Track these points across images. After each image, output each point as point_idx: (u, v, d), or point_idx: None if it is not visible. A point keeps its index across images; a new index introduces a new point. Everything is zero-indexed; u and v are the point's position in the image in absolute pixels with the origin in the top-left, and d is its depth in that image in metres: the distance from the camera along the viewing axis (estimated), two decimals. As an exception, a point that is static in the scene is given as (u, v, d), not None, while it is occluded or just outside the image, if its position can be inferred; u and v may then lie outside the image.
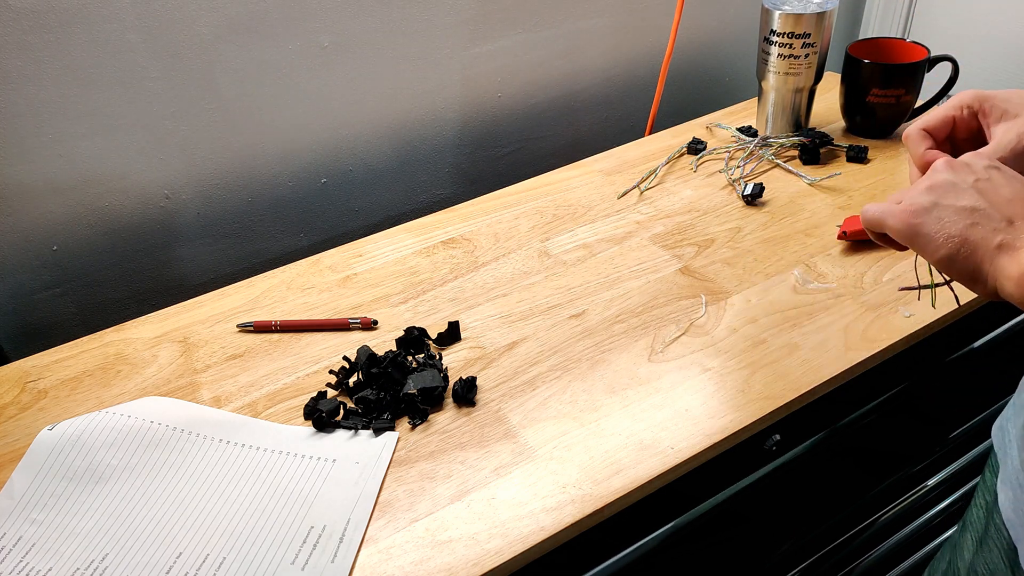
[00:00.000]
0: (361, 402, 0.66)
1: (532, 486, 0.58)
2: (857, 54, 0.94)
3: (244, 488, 0.60)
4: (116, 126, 0.83)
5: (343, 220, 1.03)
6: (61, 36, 0.76)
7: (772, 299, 0.74)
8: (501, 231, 0.88)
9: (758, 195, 0.87)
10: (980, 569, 0.57)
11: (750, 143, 0.97)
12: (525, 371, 0.68)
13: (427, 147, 1.05)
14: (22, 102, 0.78)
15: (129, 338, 0.77)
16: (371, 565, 0.54)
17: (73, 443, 0.62)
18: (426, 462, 0.61)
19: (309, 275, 0.84)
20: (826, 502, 0.83)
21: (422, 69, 0.98)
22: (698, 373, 0.66)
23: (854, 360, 0.66)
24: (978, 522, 0.58)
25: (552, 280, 0.79)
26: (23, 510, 0.59)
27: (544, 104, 1.11)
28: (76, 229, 0.86)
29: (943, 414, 0.91)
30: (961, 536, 0.61)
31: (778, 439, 0.67)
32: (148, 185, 0.88)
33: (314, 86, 0.92)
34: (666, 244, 0.83)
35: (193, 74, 0.84)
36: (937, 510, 0.94)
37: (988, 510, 0.56)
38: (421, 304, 0.78)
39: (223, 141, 0.90)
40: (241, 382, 0.71)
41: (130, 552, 0.56)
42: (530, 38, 1.04)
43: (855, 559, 0.88)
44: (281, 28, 0.87)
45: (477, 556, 0.53)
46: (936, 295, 0.50)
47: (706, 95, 1.26)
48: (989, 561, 0.55)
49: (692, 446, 0.60)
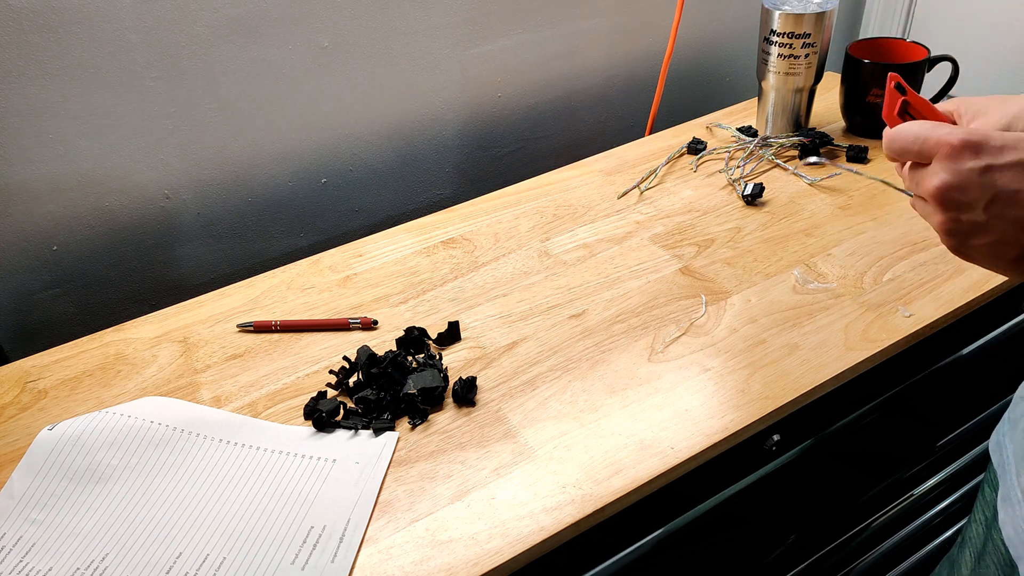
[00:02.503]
0: (361, 402, 0.66)
1: (532, 486, 0.58)
2: (857, 54, 0.94)
3: (244, 488, 0.60)
4: (116, 126, 0.83)
5: (343, 220, 1.03)
6: (61, 36, 0.76)
7: (772, 299, 0.74)
8: (501, 231, 0.88)
9: (758, 195, 0.87)
10: None
11: (750, 143, 0.97)
12: (525, 371, 0.68)
13: (427, 147, 1.05)
14: (22, 102, 0.78)
15: (129, 338, 0.77)
16: (371, 565, 0.54)
17: (73, 443, 0.62)
18: (426, 462, 0.61)
19: (309, 275, 0.84)
20: (825, 503, 0.83)
21: (422, 69, 0.98)
22: (698, 373, 0.66)
23: (854, 360, 0.66)
24: (977, 538, 0.58)
25: (552, 280, 0.79)
26: (23, 510, 0.59)
27: (544, 104, 1.11)
28: (76, 229, 0.86)
29: (942, 415, 0.91)
30: (959, 552, 0.61)
31: (778, 439, 0.67)
32: (148, 185, 0.88)
33: (314, 86, 0.92)
34: (666, 244, 0.83)
35: (193, 74, 0.84)
36: (935, 511, 0.94)
37: (987, 526, 0.56)
38: (421, 304, 0.78)
39: (223, 141, 0.90)
40: (241, 382, 0.71)
41: (130, 552, 0.56)
42: (530, 38, 1.04)
43: (854, 560, 0.88)
44: (281, 28, 0.87)
45: (477, 556, 0.53)
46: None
47: (706, 95, 1.26)
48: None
49: (692, 446, 0.60)
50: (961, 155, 0.42)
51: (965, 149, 0.42)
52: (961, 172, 0.42)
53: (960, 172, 0.42)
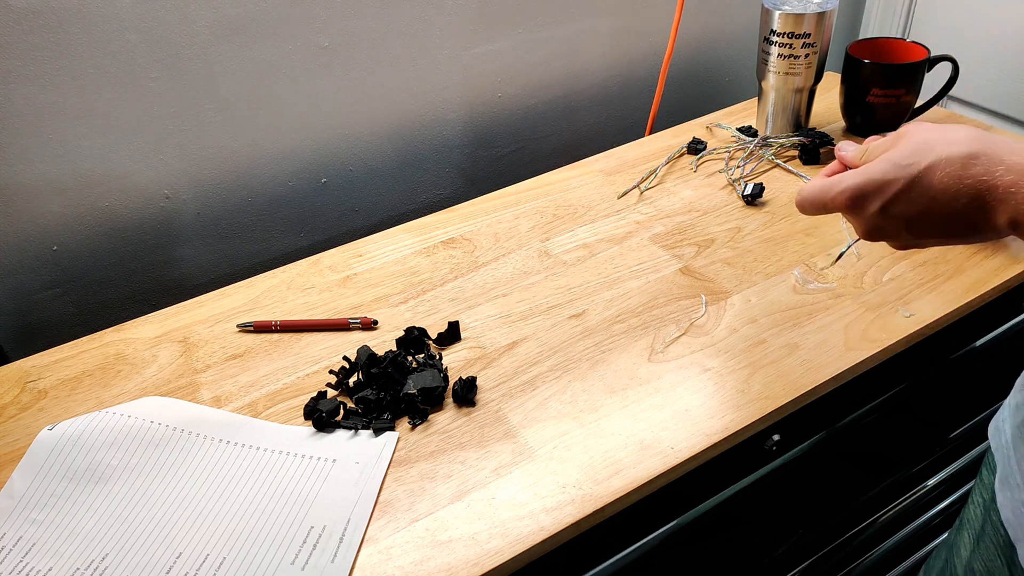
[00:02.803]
0: (361, 402, 0.66)
1: (532, 486, 0.58)
2: (857, 54, 0.94)
3: (244, 488, 0.60)
4: (116, 126, 0.83)
5: (343, 220, 1.03)
6: (61, 36, 0.76)
7: (772, 299, 0.74)
8: (501, 231, 0.88)
9: (758, 195, 0.87)
10: (977, 566, 0.57)
11: (750, 143, 0.97)
12: (525, 371, 0.68)
13: (427, 147, 1.05)
14: (22, 102, 0.78)
15: (129, 338, 0.77)
16: (371, 565, 0.54)
17: (73, 443, 0.62)
18: (426, 462, 0.61)
19: (309, 275, 0.84)
20: (826, 502, 0.83)
21: (422, 69, 0.98)
22: (698, 373, 0.66)
23: (854, 360, 0.66)
24: (975, 520, 0.58)
25: (552, 280, 0.79)
26: (23, 510, 0.59)
27: (544, 104, 1.11)
28: (76, 229, 0.86)
29: (942, 414, 0.91)
30: (958, 535, 0.62)
31: (778, 439, 0.67)
32: (148, 185, 0.88)
33: (314, 86, 0.92)
34: (666, 244, 0.83)
35: (192, 74, 0.84)
36: (936, 511, 0.94)
37: (985, 508, 0.57)
38: (421, 304, 0.78)
39: (223, 141, 0.90)
40: (241, 382, 0.71)
41: (130, 552, 0.56)
42: (530, 38, 1.04)
43: (854, 559, 0.88)
44: (281, 28, 0.87)
45: (477, 556, 0.53)
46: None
47: (706, 95, 1.26)
48: (986, 559, 0.56)
49: (692, 446, 0.60)
50: (856, 206, 0.48)
51: (857, 199, 0.48)
52: (868, 218, 0.48)
53: (868, 219, 0.48)
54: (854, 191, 0.47)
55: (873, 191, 0.47)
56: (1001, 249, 0.76)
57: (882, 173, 0.46)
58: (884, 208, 0.47)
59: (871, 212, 0.47)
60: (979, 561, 0.57)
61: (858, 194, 0.47)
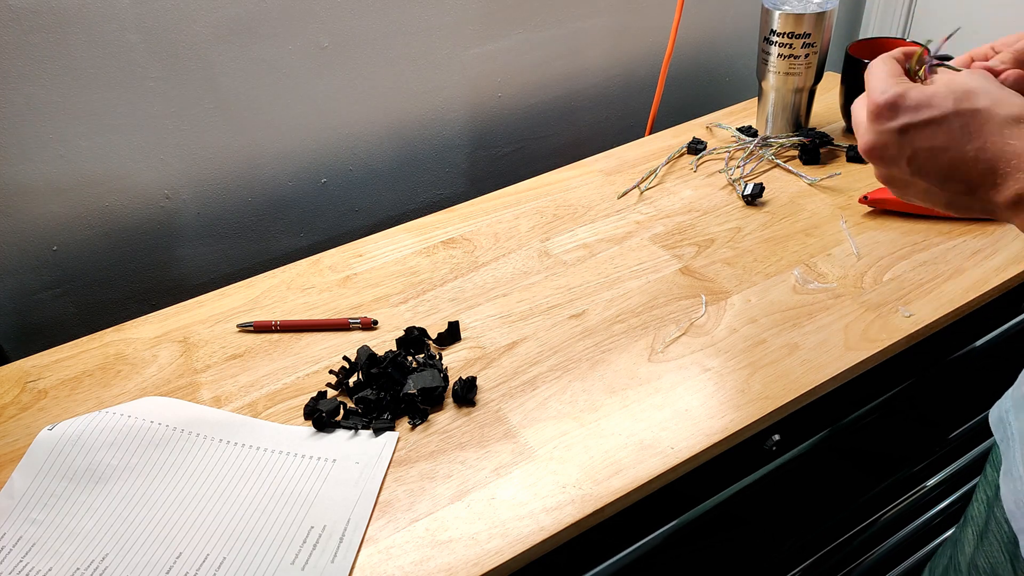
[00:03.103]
0: (361, 402, 0.66)
1: (532, 486, 0.58)
2: (857, 54, 0.94)
3: (244, 488, 0.60)
4: (116, 126, 0.83)
5: (343, 220, 1.03)
6: (61, 36, 0.76)
7: (772, 299, 0.74)
8: (501, 231, 0.88)
9: (758, 195, 0.87)
10: (981, 563, 0.57)
11: (750, 143, 0.97)
12: (525, 371, 0.68)
13: (427, 147, 1.05)
14: (22, 102, 0.78)
15: (129, 338, 0.77)
16: (371, 565, 0.54)
17: (73, 443, 0.62)
18: (426, 462, 0.61)
19: (309, 275, 0.84)
20: (826, 502, 0.83)
21: (422, 69, 0.98)
22: (698, 373, 0.66)
23: (854, 360, 0.66)
24: (979, 516, 0.58)
25: (552, 280, 0.79)
26: (23, 510, 0.59)
27: (544, 104, 1.11)
28: (76, 229, 0.86)
29: (942, 414, 0.91)
30: (962, 532, 0.62)
31: (778, 439, 0.67)
32: (148, 185, 0.88)
33: (314, 86, 0.92)
34: (666, 244, 0.83)
35: (193, 74, 0.84)
36: (937, 510, 0.94)
37: (989, 504, 0.57)
38: (421, 304, 0.78)
39: (223, 141, 0.90)
40: (241, 382, 0.71)
41: (130, 552, 0.56)
42: (530, 38, 1.04)
43: (855, 559, 0.88)
44: (281, 28, 0.87)
45: (477, 556, 0.53)
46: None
47: (706, 95, 1.26)
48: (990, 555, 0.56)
49: (692, 446, 0.60)
50: (881, 115, 0.45)
51: (885, 109, 0.44)
52: (882, 132, 0.45)
53: (881, 132, 0.45)
54: (890, 98, 0.44)
55: (908, 108, 0.44)
56: (1001, 249, 0.76)
57: (932, 97, 0.44)
58: (904, 128, 0.44)
59: (890, 127, 0.45)
60: (983, 557, 0.57)
61: (892, 103, 0.44)
